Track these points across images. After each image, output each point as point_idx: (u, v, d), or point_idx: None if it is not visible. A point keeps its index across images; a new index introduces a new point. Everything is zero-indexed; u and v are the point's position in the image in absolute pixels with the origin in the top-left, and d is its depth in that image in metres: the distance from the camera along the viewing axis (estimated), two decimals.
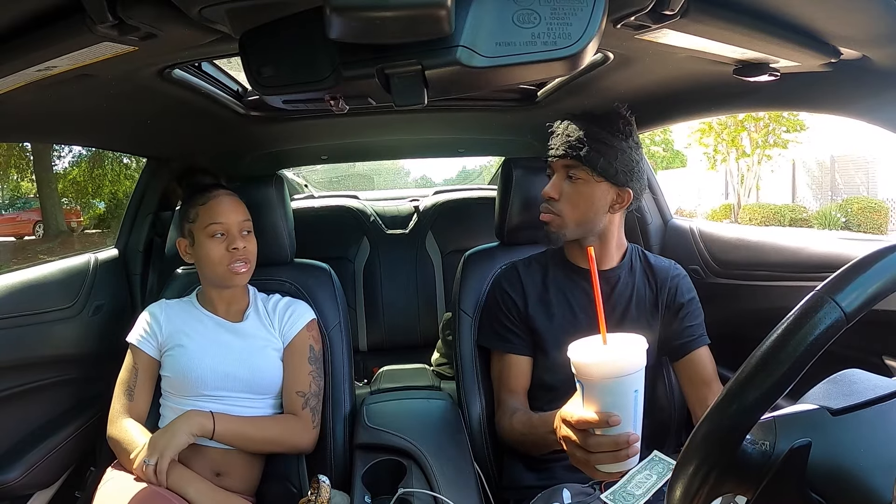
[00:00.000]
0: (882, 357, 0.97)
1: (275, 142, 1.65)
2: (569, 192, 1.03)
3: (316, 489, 1.00)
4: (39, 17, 0.62)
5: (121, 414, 1.06)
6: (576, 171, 1.02)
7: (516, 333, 1.09)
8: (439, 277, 2.10)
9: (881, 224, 10.45)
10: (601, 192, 1.02)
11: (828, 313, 0.41)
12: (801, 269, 1.12)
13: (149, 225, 1.55)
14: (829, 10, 0.69)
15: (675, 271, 1.12)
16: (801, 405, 0.49)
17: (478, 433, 1.15)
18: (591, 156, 1.00)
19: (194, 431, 0.98)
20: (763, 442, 0.45)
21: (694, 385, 1.05)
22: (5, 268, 6.95)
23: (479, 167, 5.49)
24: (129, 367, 1.10)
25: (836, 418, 0.47)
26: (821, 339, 0.41)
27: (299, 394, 1.10)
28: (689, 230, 1.43)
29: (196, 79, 1.05)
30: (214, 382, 1.06)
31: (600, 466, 0.71)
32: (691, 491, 0.44)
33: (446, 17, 0.51)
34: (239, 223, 1.10)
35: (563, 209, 1.03)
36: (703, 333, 1.08)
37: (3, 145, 7.32)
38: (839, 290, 0.42)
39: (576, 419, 0.70)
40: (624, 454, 0.69)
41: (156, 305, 1.15)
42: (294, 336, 1.13)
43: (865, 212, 10.48)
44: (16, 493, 1.13)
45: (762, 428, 0.46)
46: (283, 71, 0.62)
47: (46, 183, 8.74)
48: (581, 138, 1.00)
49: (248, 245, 1.10)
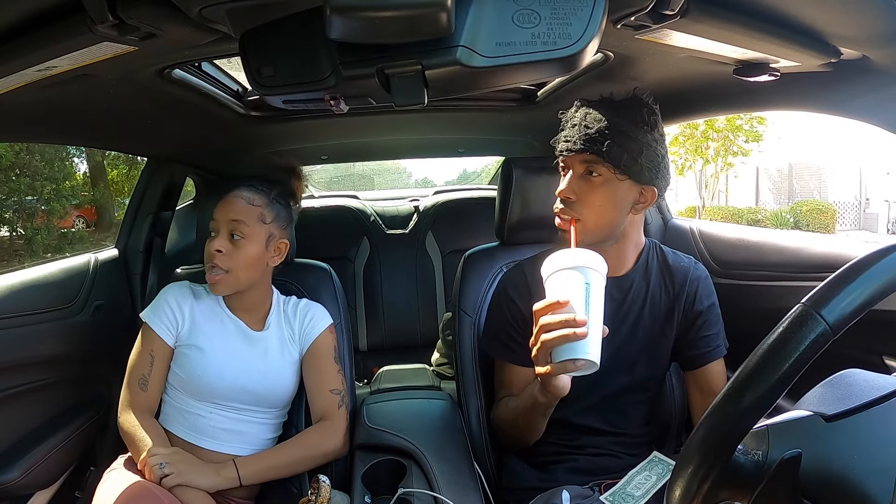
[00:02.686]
0: (882, 357, 0.97)
1: (275, 142, 1.65)
2: (587, 191, 0.92)
3: (316, 489, 1.00)
4: (39, 17, 0.62)
5: (134, 406, 1.02)
6: (596, 167, 0.90)
7: (520, 343, 1.03)
8: (439, 277, 2.10)
9: (828, 224, 11.87)
10: (623, 191, 0.91)
11: (813, 328, 0.41)
12: (801, 269, 1.12)
13: (149, 225, 1.55)
14: (829, 10, 0.69)
15: (696, 273, 1.03)
16: (795, 411, 0.49)
17: (478, 433, 1.14)
18: (613, 151, 0.88)
19: (220, 486, 0.96)
20: (755, 451, 0.46)
21: (703, 395, 1.01)
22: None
23: (479, 170, 5.49)
24: (143, 351, 1.04)
25: (830, 424, 0.47)
26: (806, 354, 0.41)
27: (334, 392, 1.09)
28: (690, 230, 1.43)
29: (196, 79, 1.05)
30: (227, 394, 1.05)
31: (554, 353, 0.77)
32: (690, 491, 0.45)
33: (446, 17, 0.51)
34: (228, 222, 1.03)
35: (582, 211, 0.92)
36: (720, 344, 1.01)
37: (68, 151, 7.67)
38: (824, 303, 0.42)
39: (535, 308, 0.78)
40: (572, 333, 0.74)
41: (180, 288, 1.10)
42: (314, 340, 1.11)
43: (813, 213, 11.91)
44: (16, 493, 1.13)
45: (755, 437, 0.47)
46: (283, 71, 0.62)
47: (100, 182, 9.47)
48: (602, 130, 0.88)
49: (230, 252, 1.02)
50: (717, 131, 11.73)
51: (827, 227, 11.81)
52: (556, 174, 1.14)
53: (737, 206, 12.77)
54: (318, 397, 1.10)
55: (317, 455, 1.06)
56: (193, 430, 1.04)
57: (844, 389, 0.50)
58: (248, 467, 1.00)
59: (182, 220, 1.85)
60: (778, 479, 0.45)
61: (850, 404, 0.48)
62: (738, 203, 13.21)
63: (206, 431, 1.04)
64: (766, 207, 13.01)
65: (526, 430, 0.99)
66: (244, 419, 1.07)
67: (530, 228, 1.22)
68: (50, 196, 7.59)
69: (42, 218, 7.67)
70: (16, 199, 7.32)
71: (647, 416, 1.06)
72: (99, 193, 9.32)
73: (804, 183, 13.45)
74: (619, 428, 1.02)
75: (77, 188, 8.37)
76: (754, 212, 12.49)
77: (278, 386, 1.09)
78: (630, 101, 0.92)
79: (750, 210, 12.57)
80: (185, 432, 1.04)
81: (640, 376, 1.02)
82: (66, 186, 7.87)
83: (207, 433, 1.04)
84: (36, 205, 7.49)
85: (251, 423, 1.08)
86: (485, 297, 1.20)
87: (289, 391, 1.11)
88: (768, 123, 11.43)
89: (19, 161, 7.13)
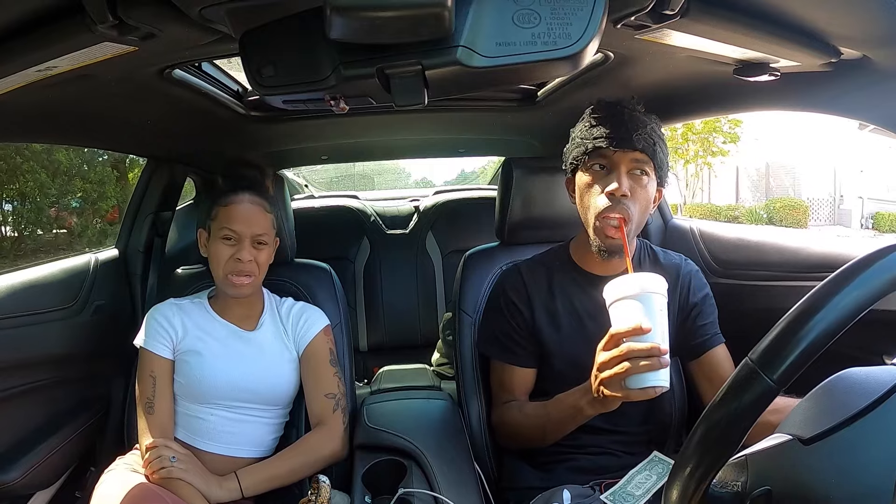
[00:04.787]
0: (882, 357, 0.97)
1: (275, 142, 1.65)
2: (637, 189, 0.93)
3: (316, 489, 1.00)
4: (39, 17, 0.62)
5: (151, 432, 1.01)
6: (645, 166, 0.93)
7: (521, 345, 1.05)
8: (439, 277, 2.10)
9: (800, 220, 12.77)
10: (653, 190, 0.96)
11: (758, 384, 0.43)
12: (801, 269, 1.12)
13: (149, 225, 1.55)
14: (830, 10, 0.69)
15: (687, 268, 1.07)
16: (774, 437, 0.48)
17: (478, 433, 1.14)
18: (660, 153, 0.93)
19: (222, 498, 0.97)
20: (735, 483, 0.46)
21: (713, 384, 1.02)
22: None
23: (477, 170, 5.50)
24: (143, 376, 1.05)
25: (809, 448, 0.46)
26: (753, 409, 0.43)
27: (329, 396, 1.09)
28: (690, 230, 1.43)
29: (196, 79, 1.05)
30: (228, 394, 1.05)
31: (632, 381, 0.77)
32: (688, 492, 0.44)
33: (446, 17, 0.51)
34: (253, 235, 1.05)
35: (632, 210, 0.92)
36: (718, 331, 1.04)
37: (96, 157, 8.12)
38: (768, 363, 0.43)
39: (612, 332, 0.78)
40: (657, 361, 0.75)
41: (166, 306, 1.10)
42: (310, 342, 1.12)
43: (786, 209, 12.87)
44: (16, 493, 1.13)
45: (735, 468, 0.47)
46: (283, 71, 0.62)
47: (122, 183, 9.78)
48: (653, 130, 0.92)
49: (256, 258, 1.06)
50: (695, 133, 12.65)
51: (799, 222, 12.66)
52: (557, 174, 1.14)
53: (716, 204, 13.62)
54: (314, 402, 1.10)
55: (316, 460, 1.06)
56: (194, 433, 1.05)
57: (828, 401, 0.48)
58: (249, 478, 1.00)
59: (182, 220, 1.85)
60: None
61: (831, 421, 0.46)
62: (719, 201, 14.08)
63: (208, 434, 1.05)
64: (744, 205, 13.82)
65: (552, 436, 0.99)
66: (245, 419, 1.07)
67: (531, 228, 1.22)
68: (97, 197, 8.24)
69: (90, 216, 8.33)
70: (72, 200, 8.11)
71: (645, 415, 1.06)
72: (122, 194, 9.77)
73: (780, 181, 14.48)
74: (619, 426, 1.02)
75: (116, 190, 8.82)
76: (733, 209, 13.25)
77: (277, 382, 1.09)
78: (640, 105, 0.96)
79: (729, 207, 13.35)
80: (187, 435, 1.05)
81: None
82: (109, 189, 8.46)
83: (208, 435, 1.05)
84: (85, 205, 8.19)
85: (252, 422, 1.08)
86: (485, 298, 1.20)
87: (288, 388, 1.11)
88: (744, 126, 12.54)
89: (72, 166, 7.78)
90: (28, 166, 7.21)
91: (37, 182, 7.23)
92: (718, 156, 13.02)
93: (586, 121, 0.98)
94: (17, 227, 7.63)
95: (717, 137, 12.87)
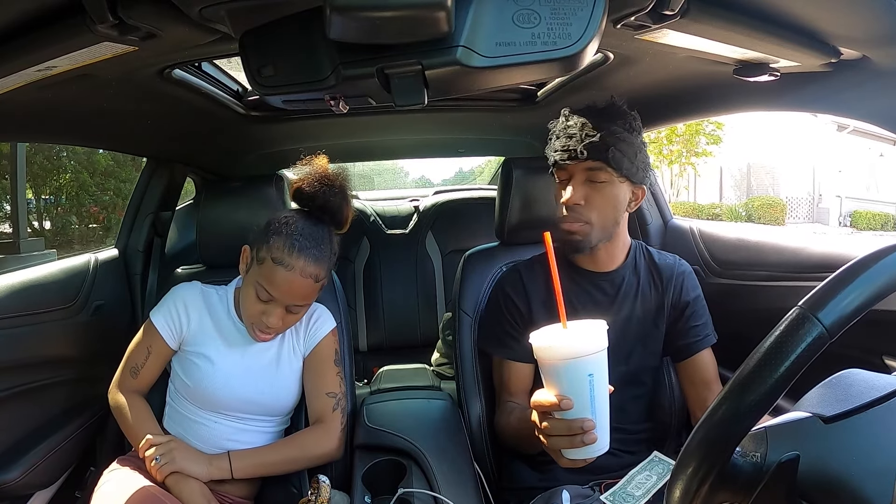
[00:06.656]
0: (882, 357, 0.97)
1: (275, 142, 1.65)
2: (593, 196, 0.97)
3: (316, 489, 1.00)
4: (39, 17, 0.62)
5: (122, 387, 1.08)
6: (600, 173, 0.96)
7: (518, 341, 1.06)
8: (439, 277, 2.10)
9: (778, 218, 13.38)
10: (623, 192, 0.98)
11: (809, 331, 0.41)
12: (801, 269, 1.12)
13: (149, 225, 1.55)
14: (830, 10, 0.69)
15: (681, 268, 1.09)
16: (793, 413, 0.49)
17: (478, 433, 1.14)
18: (616, 157, 0.94)
19: (213, 475, 0.98)
20: (754, 454, 0.46)
21: (695, 386, 1.05)
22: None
23: (473, 169, 5.53)
24: (141, 343, 1.07)
25: (829, 426, 0.46)
26: (804, 357, 0.41)
27: (330, 394, 1.09)
28: (690, 230, 1.43)
29: (196, 79, 1.05)
30: (233, 405, 1.05)
31: (565, 452, 0.71)
32: (690, 491, 0.44)
33: (446, 17, 0.51)
34: (291, 305, 1.00)
35: (590, 216, 0.98)
36: (709, 333, 1.06)
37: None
38: (820, 306, 0.42)
39: (533, 402, 0.71)
40: (579, 440, 0.67)
41: (190, 292, 1.09)
42: (318, 343, 1.11)
43: (765, 207, 13.45)
44: (16, 493, 1.13)
45: (753, 439, 0.47)
46: (283, 71, 0.62)
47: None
48: (605, 138, 0.94)
49: (287, 321, 1.02)
50: (678, 136, 13.09)
51: (777, 220, 13.30)
52: None
53: (699, 203, 14.37)
54: (315, 399, 1.10)
55: (310, 457, 1.06)
56: (197, 439, 1.05)
57: (844, 390, 0.49)
58: (241, 461, 1.01)
59: (182, 220, 1.85)
60: (776, 481, 0.45)
61: (848, 405, 0.47)
62: (703, 200, 14.86)
63: (209, 439, 1.05)
64: (728, 203, 14.48)
65: (528, 446, 0.97)
66: (248, 428, 1.07)
67: (530, 228, 1.22)
68: (127, 194, 8.53)
69: (121, 212, 8.46)
70: (106, 196, 8.30)
71: (645, 413, 1.07)
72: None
73: (760, 180, 15.15)
74: (618, 424, 1.02)
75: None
76: (715, 207, 13.97)
77: (285, 395, 1.09)
78: (614, 108, 0.98)
79: (711, 206, 14.05)
80: (186, 438, 1.05)
81: (635, 366, 1.04)
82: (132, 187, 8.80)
83: (210, 441, 1.05)
84: (116, 199, 8.35)
85: (255, 431, 1.08)
86: (485, 297, 1.20)
87: (293, 399, 1.11)
88: (727, 128, 12.87)
89: (109, 167, 8.00)
90: (70, 166, 7.55)
91: (80, 180, 7.57)
92: (702, 156, 13.46)
93: (551, 133, 1.02)
94: (58, 220, 7.90)
95: (700, 139, 13.31)
